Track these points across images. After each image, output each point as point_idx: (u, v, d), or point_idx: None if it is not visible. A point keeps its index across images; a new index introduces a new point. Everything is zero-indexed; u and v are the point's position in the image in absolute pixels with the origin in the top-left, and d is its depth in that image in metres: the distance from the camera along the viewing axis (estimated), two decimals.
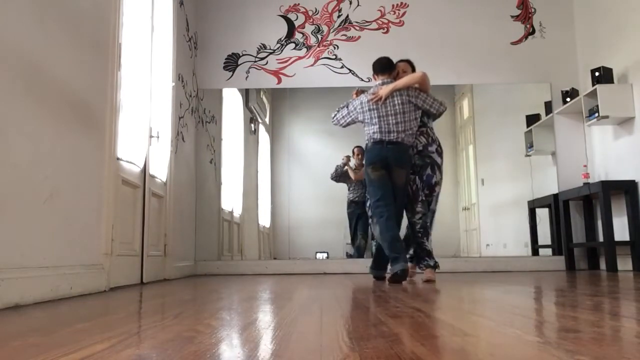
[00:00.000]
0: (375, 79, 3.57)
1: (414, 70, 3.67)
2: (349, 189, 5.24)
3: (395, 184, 3.36)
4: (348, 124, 3.59)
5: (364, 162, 3.53)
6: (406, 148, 3.40)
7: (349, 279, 3.63)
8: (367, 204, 3.62)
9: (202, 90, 5.10)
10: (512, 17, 5.18)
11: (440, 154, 3.52)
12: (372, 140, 3.41)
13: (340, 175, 5.22)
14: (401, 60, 3.68)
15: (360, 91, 3.64)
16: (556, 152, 4.98)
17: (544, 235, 5.07)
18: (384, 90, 3.40)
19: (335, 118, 3.63)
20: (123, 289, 2.84)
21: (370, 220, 3.57)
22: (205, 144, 5.04)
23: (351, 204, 5.21)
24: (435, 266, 3.39)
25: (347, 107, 3.56)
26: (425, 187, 3.47)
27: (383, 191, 3.34)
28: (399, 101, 3.38)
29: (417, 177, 3.48)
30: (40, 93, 2.16)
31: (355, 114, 3.49)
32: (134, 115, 3.39)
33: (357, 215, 5.16)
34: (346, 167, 5.20)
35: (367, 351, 0.95)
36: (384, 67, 3.55)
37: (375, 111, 3.40)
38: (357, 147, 5.19)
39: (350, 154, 5.23)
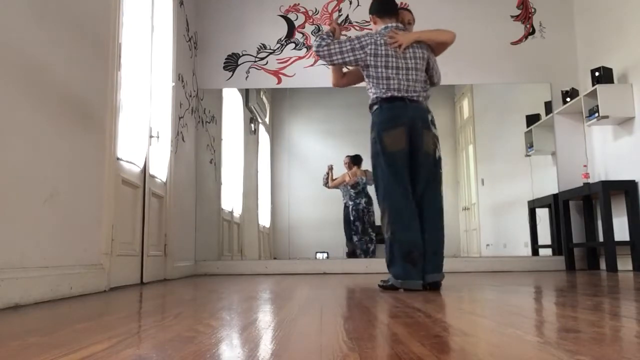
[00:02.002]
0: (375, 24, 2.80)
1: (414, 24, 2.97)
2: (342, 195, 5.36)
3: (426, 152, 2.59)
4: (345, 63, 2.69)
5: (373, 134, 2.63)
6: (427, 108, 2.68)
7: (349, 279, 3.62)
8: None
9: (202, 90, 5.10)
10: (512, 17, 5.18)
11: (434, 125, 2.76)
12: (388, 96, 2.58)
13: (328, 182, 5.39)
14: (404, 9, 2.94)
15: (338, 23, 2.73)
16: (556, 152, 4.98)
17: (544, 235, 5.07)
18: (405, 38, 2.64)
19: (326, 48, 2.66)
20: (123, 289, 2.84)
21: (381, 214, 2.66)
22: (205, 144, 5.04)
23: (345, 208, 5.35)
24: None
25: (351, 41, 2.66)
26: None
27: (401, 175, 2.54)
28: (420, 55, 2.66)
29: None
30: (40, 93, 2.16)
31: (364, 54, 2.63)
32: (134, 115, 3.39)
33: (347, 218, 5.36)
34: (328, 175, 5.35)
35: (367, 351, 0.95)
36: (392, 7, 2.78)
37: (394, 59, 2.62)
38: (348, 156, 5.35)
39: (341, 162, 5.44)
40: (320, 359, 0.90)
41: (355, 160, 5.33)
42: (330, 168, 5.35)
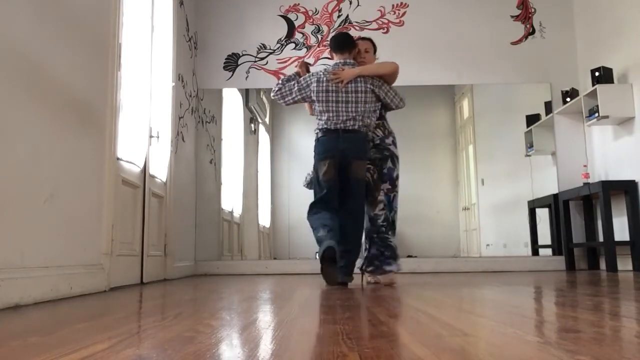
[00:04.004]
0: (332, 58, 3.14)
1: (375, 51, 3.24)
2: None
3: (355, 178, 2.92)
4: (295, 102, 3.08)
5: (313, 154, 3.02)
6: (364, 137, 2.97)
7: None
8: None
9: (202, 90, 5.10)
10: (512, 17, 5.18)
11: (396, 145, 3.16)
12: (324, 130, 2.94)
13: (310, 183, 5.19)
14: (362, 38, 3.26)
15: (307, 64, 3.23)
16: (556, 152, 4.98)
17: (544, 235, 5.07)
18: (347, 73, 2.95)
19: (279, 92, 3.07)
20: (123, 289, 2.84)
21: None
22: (205, 144, 5.04)
23: None
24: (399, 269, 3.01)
25: (298, 82, 3.04)
26: (387, 181, 3.06)
27: (329, 196, 2.92)
28: (362, 89, 2.95)
29: (374, 167, 3.07)
30: (40, 93, 2.16)
31: (309, 92, 2.99)
32: (134, 115, 3.39)
33: None
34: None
35: (367, 351, 0.95)
36: (343, 44, 3.07)
37: (334, 94, 2.94)
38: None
39: None
40: (321, 359, 0.90)
41: None
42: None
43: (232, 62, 5.14)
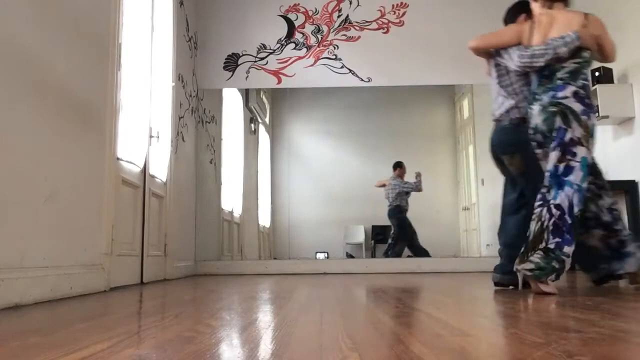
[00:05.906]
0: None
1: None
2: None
3: (515, 174, 2.64)
4: None
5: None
6: (510, 127, 2.51)
7: (349, 279, 3.62)
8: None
9: (202, 90, 5.10)
10: None
11: (581, 99, 2.26)
12: None
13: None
14: None
15: None
16: None
17: None
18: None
19: None
20: (123, 289, 2.84)
21: None
22: (205, 144, 5.04)
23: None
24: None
25: None
26: (557, 148, 2.26)
27: (506, 188, 2.88)
28: (491, 67, 2.74)
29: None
30: (40, 93, 2.16)
31: None
32: (134, 115, 3.39)
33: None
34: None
35: (367, 351, 0.95)
36: (508, 16, 3.00)
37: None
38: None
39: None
40: (321, 359, 0.90)
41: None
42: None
43: (232, 62, 5.14)
